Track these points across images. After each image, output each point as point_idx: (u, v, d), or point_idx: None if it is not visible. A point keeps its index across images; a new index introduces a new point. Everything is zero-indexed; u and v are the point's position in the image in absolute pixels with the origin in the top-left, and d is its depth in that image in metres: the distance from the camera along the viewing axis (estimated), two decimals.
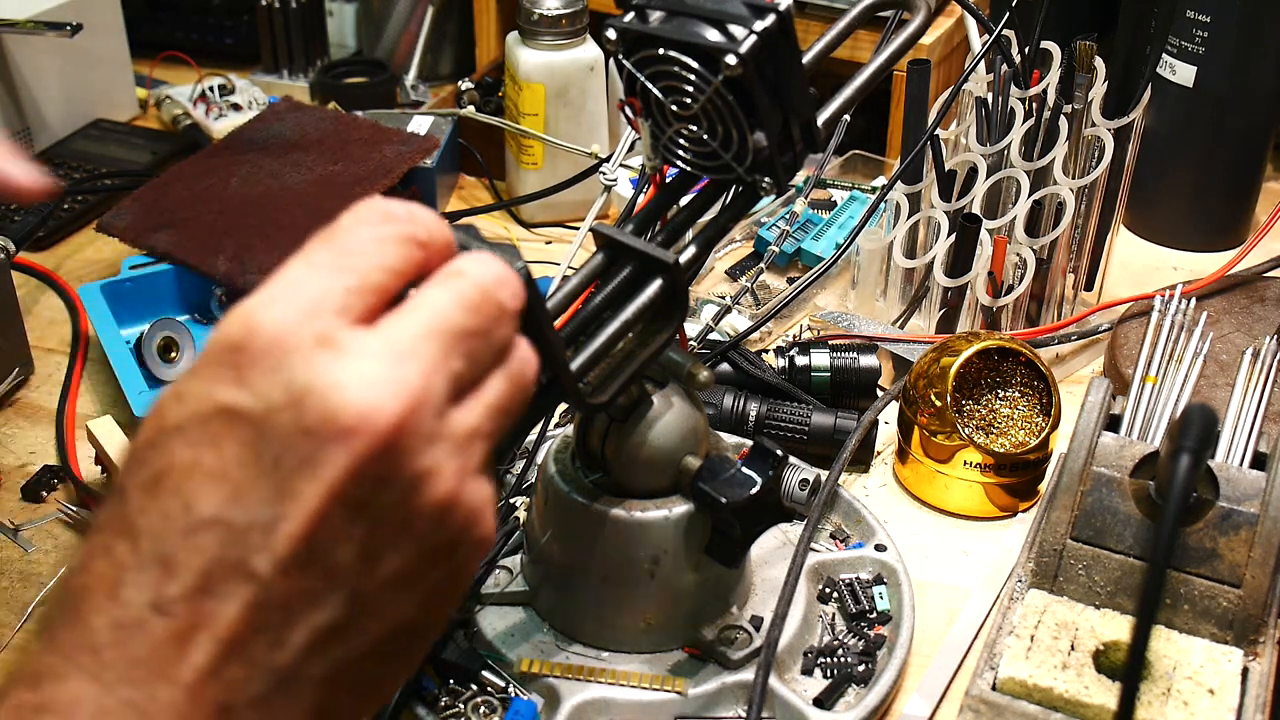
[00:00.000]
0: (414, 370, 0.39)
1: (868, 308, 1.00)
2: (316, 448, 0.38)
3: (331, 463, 0.38)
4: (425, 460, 0.39)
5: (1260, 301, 0.98)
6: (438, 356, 0.40)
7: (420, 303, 0.41)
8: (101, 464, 0.85)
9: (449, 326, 0.40)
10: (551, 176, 1.13)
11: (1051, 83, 0.97)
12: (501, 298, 0.43)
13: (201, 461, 0.38)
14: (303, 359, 0.38)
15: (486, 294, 0.42)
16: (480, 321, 0.42)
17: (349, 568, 0.39)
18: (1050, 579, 0.74)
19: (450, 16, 1.38)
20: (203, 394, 0.38)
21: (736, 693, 0.69)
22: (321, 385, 0.38)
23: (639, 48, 0.60)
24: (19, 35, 1.15)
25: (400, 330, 0.40)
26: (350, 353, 0.38)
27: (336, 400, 0.37)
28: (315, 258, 0.41)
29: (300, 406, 0.38)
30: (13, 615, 0.76)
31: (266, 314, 0.39)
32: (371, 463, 0.38)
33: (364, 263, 0.41)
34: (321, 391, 0.37)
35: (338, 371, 0.38)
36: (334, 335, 0.39)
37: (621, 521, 0.67)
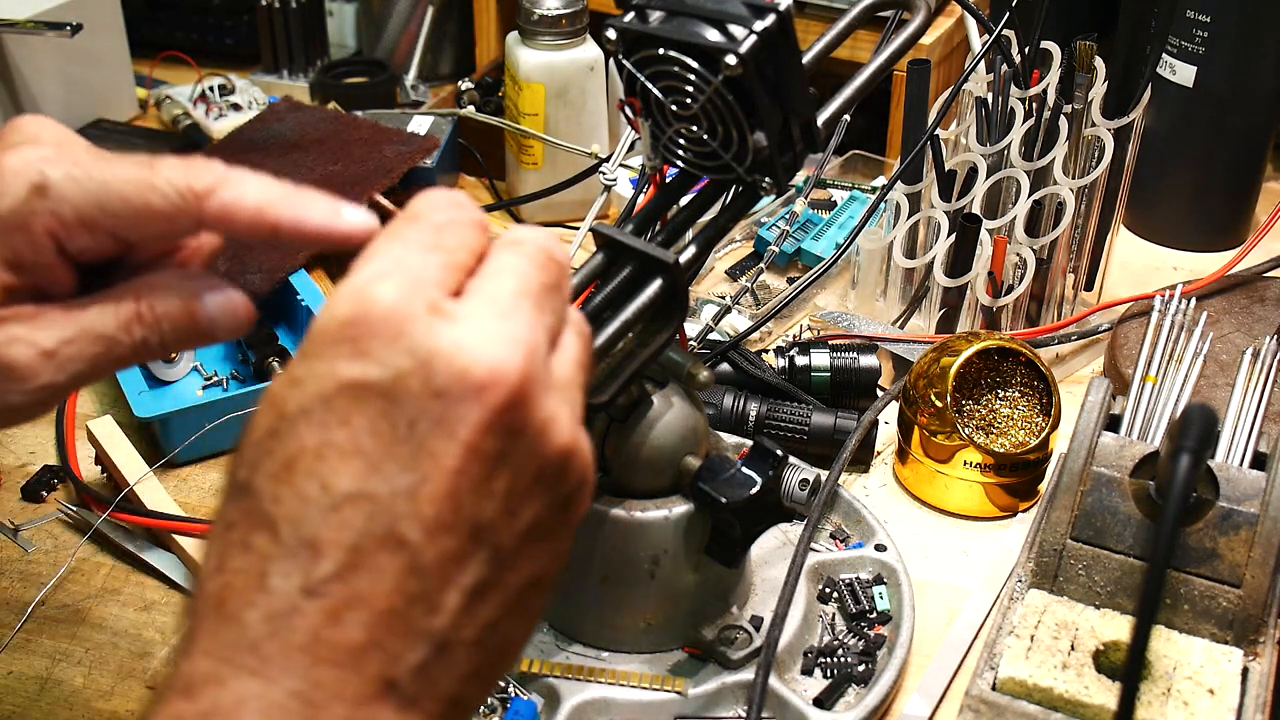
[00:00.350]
0: (522, 325, 0.40)
1: (868, 308, 1.00)
2: (450, 407, 0.38)
3: (466, 420, 0.38)
4: (547, 408, 0.40)
5: (1260, 301, 0.98)
6: (534, 312, 0.41)
7: (501, 267, 0.42)
8: (101, 464, 0.85)
9: (533, 284, 0.42)
10: (551, 176, 1.13)
11: (1051, 83, 0.97)
12: (559, 257, 0.44)
13: (332, 440, 0.38)
14: (423, 325, 0.39)
15: (550, 255, 0.44)
16: (553, 277, 0.43)
17: (492, 523, 0.40)
18: (1050, 579, 0.74)
19: (450, 16, 1.38)
20: (323, 374, 0.39)
21: (736, 693, 0.69)
22: (446, 347, 0.38)
23: (639, 48, 0.60)
24: (19, 35, 1.15)
25: (496, 292, 0.41)
26: (462, 317, 0.40)
27: (464, 359, 0.38)
28: (408, 236, 0.42)
29: (429, 369, 0.38)
30: (13, 615, 0.76)
31: (377, 289, 0.39)
32: (504, 414, 0.39)
33: (453, 242, 0.42)
34: (448, 353, 0.38)
35: (457, 334, 0.39)
36: (441, 305, 0.40)
37: (621, 521, 0.67)
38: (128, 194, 0.48)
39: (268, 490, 0.39)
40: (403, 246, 0.41)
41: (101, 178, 0.48)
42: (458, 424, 0.38)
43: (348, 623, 0.38)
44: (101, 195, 0.48)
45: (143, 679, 0.72)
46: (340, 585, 0.38)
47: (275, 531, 0.38)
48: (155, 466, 0.83)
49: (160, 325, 0.51)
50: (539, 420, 0.40)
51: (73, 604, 0.77)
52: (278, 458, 0.39)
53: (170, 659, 0.63)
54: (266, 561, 0.38)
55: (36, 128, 0.50)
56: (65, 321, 0.50)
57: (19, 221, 0.48)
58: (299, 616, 0.37)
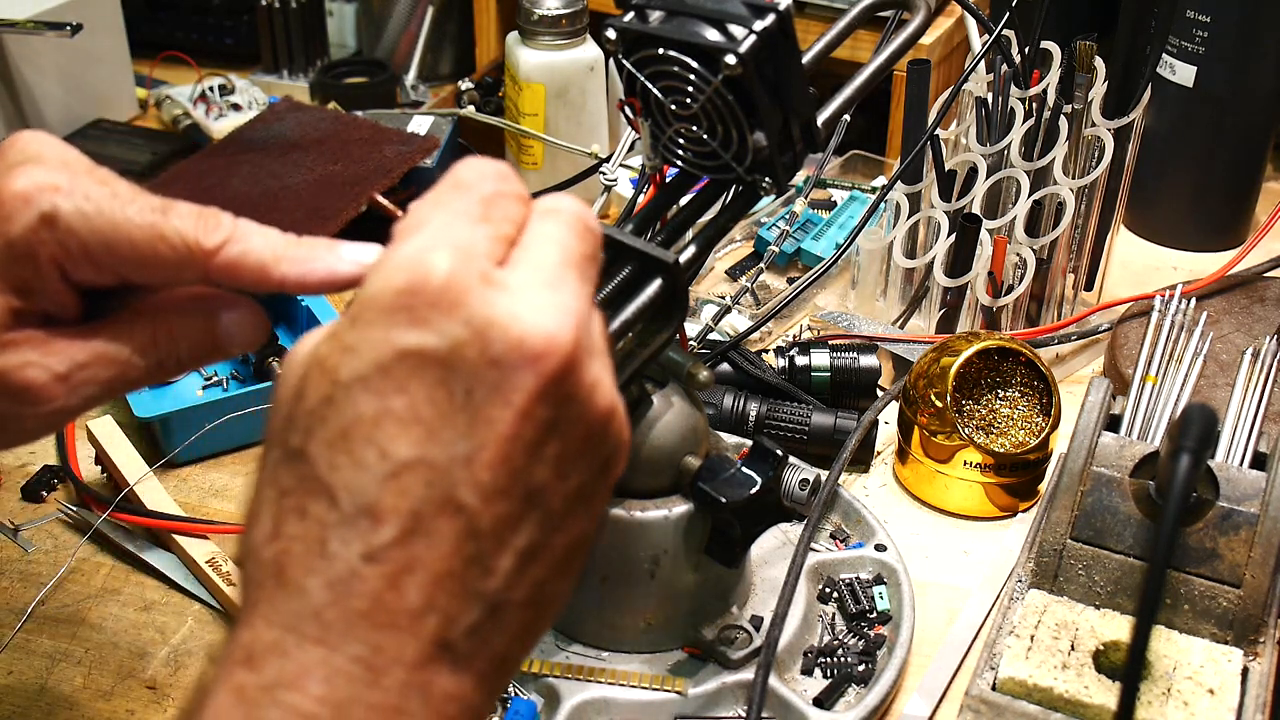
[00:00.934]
0: (569, 295, 0.41)
1: (868, 308, 1.00)
2: (506, 375, 0.39)
3: (522, 387, 0.39)
4: (593, 373, 0.41)
5: (1260, 301, 0.98)
6: (579, 281, 0.42)
7: (545, 236, 0.43)
8: (101, 464, 0.85)
9: (575, 254, 0.43)
10: (551, 176, 1.13)
11: (1051, 83, 0.97)
12: (594, 226, 0.45)
13: (391, 407, 0.38)
14: (478, 295, 0.39)
15: (586, 223, 0.44)
16: (591, 247, 0.44)
17: (544, 487, 0.40)
18: (1050, 579, 0.74)
19: (450, 16, 1.38)
20: (379, 341, 0.39)
21: (736, 693, 0.69)
22: (503, 317, 0.39)
23: (639, 48, 0.60)
24: (19, 35, 1.15)
25: (543, 262, 0.42)
26: (515, 287, 0.40)
27: (520, 328, 0.39)
28: (456, 206, 0.42)
29: (485, 339, 0.39)
30: (13, 615, 0.76)
31: (432, 259, 0.39)
32: (558, 382, 0.40)
33: (499, 215, 0.43)
34: (504, 322, 0.39)
35: (512, 303, 0.39)
36: (493, 275, 0.40)
37: (621, 521, 0.67)
38: (136, 239, 0.48)
39: (324, 457, 0.39)
40: (452, 217, 0.42)
41: (112, 218, 0.48)
42: (513, 391, 0.39)
43: (407, 587, 0.38)
44: (110, 236, 0.48)
45: (143, 679, 0.72)
46: (400, 551, 0.38)
47: (334, 498, 0.38)
48: (155, 466, 0.83)
49: (177, 347, 0.51)
50: (587, 385, 0.41)
51: (73, 604, 0.77)
52: (333, 425, 0.39)
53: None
54: (325, 529, 0.38)
55: (39, 145, 0.50)
56: (79, 345, 0.50)
57: (26, 249, 0.48)
58: (360, 583, 0.38)
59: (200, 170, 1.09)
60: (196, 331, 0.51)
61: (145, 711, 0.71)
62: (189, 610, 0.77)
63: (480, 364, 0.39)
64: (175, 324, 0.51)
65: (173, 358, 0.51)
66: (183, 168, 1.11)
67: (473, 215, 0.42)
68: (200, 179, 1.07)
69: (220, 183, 1.06)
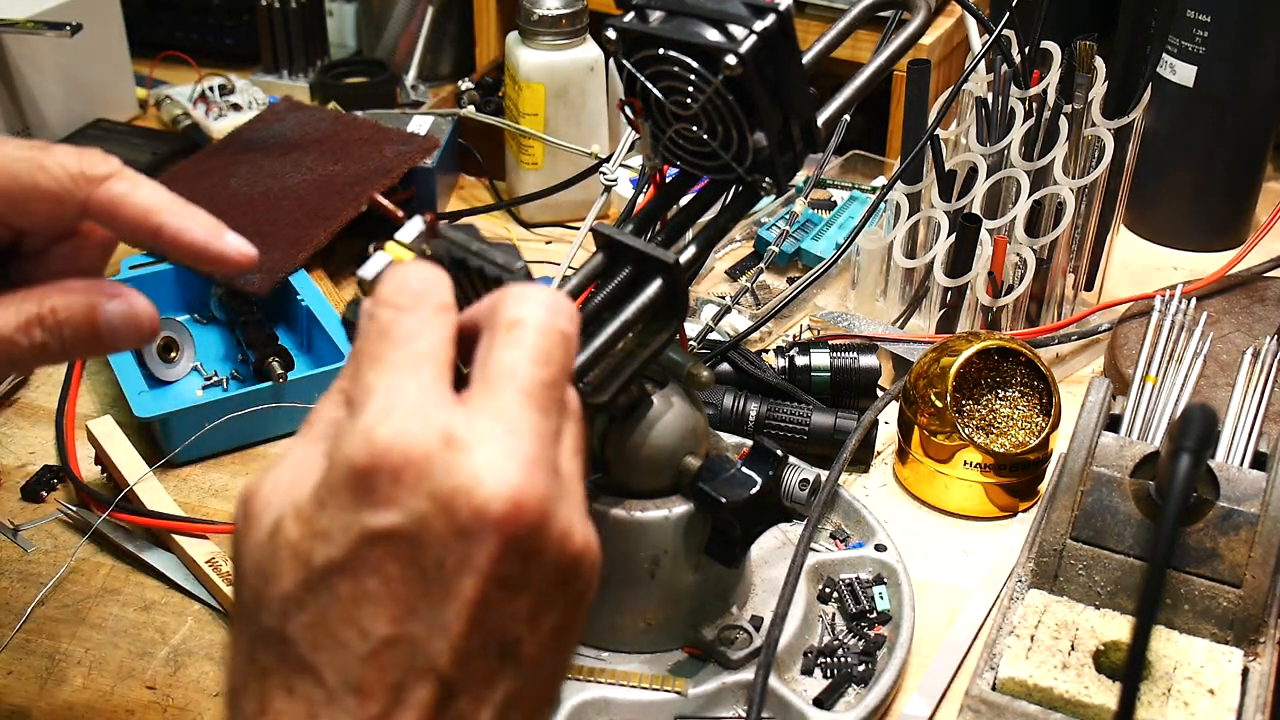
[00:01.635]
0: (530, 440, 0.41)
1: (868, 308, 1.00)
2: (471, 543, 0.39)
3: (487, 552, 0.39)
4: (561, 520, 0.41)
5: (1260, 301, 0.98)
6: (539, 420, 0.42)
7: (504, 370, 0.42)
8: (101, 464, 0.85)
9: (535, 387, 0.42)
10: (551, 176, 1.13)
11: (1051, 83, 0.97)
12: (565, 331, 0.44)
13: (367, 589, 0.39)
14: (440, 465, 0.39)
15: (552, 338, 0.43)
16: (555, 371, 0.43)
17: (518, 639, 0.41)
18: (1050, 579, 0.74)
19: (450, 16, 1.38)
20: (349, 525, 0.39)
21: (736, 693, 0.69)
22: (465, 485, 0.39)
23: (639, 48, 0.60)
24: (19, 35, 1.15)
25: (501, 405, 0.41)
26: (473, 445, 0.40)
27: (483, 495, 0.39)
28: (390, 359, 0.42)
29: (450, 510, 0.39)
30: (13, 615, 0.76)
31: (386, 431, 0.40)
32: (524, 540, 0.40)
33: (430, 346, 0.42)
34: (467, 489, 0.39)
35: (473, 467, 0.39)
36: (452, 431, 0.40)
37: (621, 521, 0.67)
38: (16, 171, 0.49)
39: (305, 638, 0.40)
40: (391, 371, 0.41)
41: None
42: (480, 557, 0.39)
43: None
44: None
45: (143, 679, 0.72)
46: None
47: (319, 677, 0.39)
48: (155, 466, 0.83)
49: (61, 330, 0.51)
50: (556, 535, 0.41)
51: (73, 604, 0.77)
52: (312, 609, 0.40)
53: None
54: (314, 705, 0.39)
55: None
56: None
57: None
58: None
59: (200, 170, 1.09)
60: (80, 316, 0.51)
61: (145, 711, 0.71)
62: (189, 610, 0.77)
63: (447, 536, 0.39)
64: (59, 305, 0.51)
65: (56, 341, 0.51)
66: (183, 168, 1.11)
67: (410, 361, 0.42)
68: (200, 179, 1.07)
69: (220, 183, 1.06)
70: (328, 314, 0.93)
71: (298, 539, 0.40)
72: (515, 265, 0.51)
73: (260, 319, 0.94)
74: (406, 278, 0.44)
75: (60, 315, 0.51)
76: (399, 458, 0.39)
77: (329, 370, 0.89)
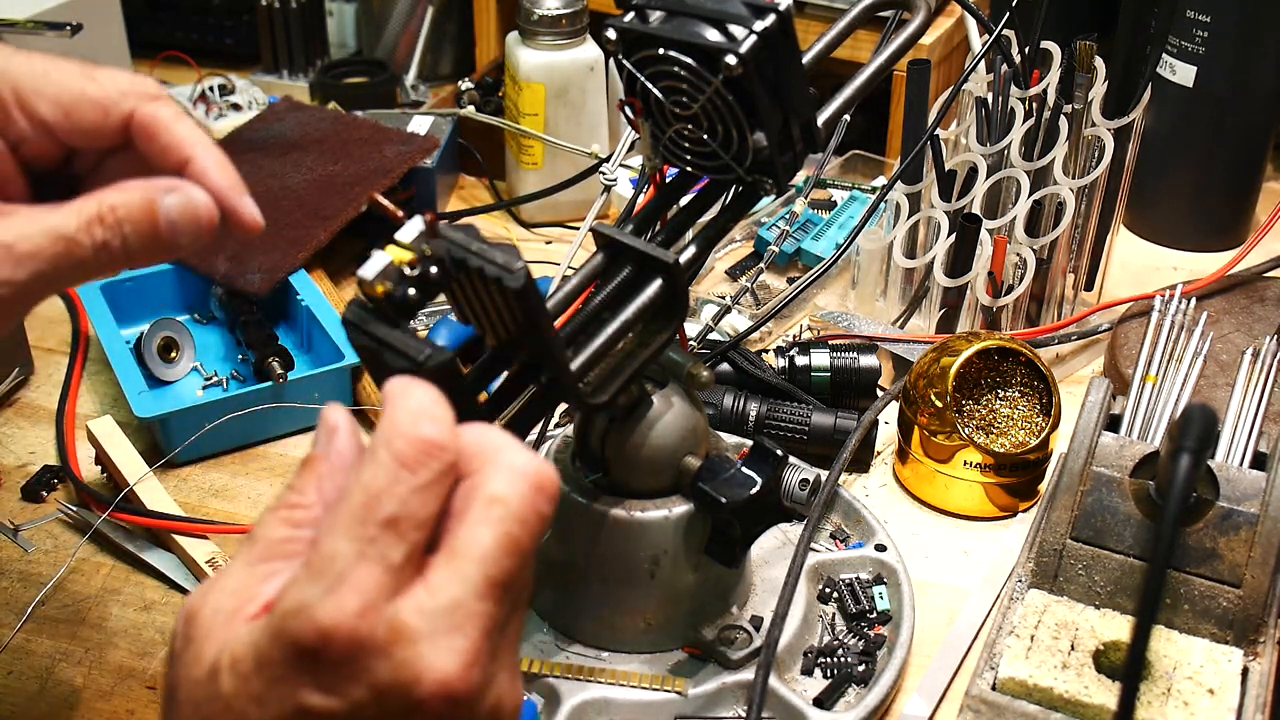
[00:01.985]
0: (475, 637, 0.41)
1: (868, 308, 1.00)
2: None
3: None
4: (490, 700, 0.42)
5: (1260, 301, 0.98)
6: (492, 610, 0.41)
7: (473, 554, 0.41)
8: (101, 464, 0.85)
9: (498, 578, 0.41)
10: (551, 176, 1.13)
11: (1051, 83, 0.97)
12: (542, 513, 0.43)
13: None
14: (380, 659, 0.40)
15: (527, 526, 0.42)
16: (522, 561, 0.42)
17: None
18: (1050, 579, 0.74)
19: (450, 16, 1.38)
20: (285, 696, 0.40)
21: (736, 693, 0.69)
22: (405, 681, 0.40)
23: (639, 48, 0.60)
24: (19, 35, 1.15)
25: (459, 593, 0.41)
26: (420, 637, 0.40)
27: (419, 693, 0.40)
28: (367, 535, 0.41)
29: (384, 702, 0.40)
30: (13, 615, 0.76)
31: (337, 619, 0.39)
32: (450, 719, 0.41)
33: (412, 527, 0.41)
34: (406, 686, 0.40)
35: (414, 662, 0.40)
36: (403, 623, 0.40)
37: (621, 521, 0.67)
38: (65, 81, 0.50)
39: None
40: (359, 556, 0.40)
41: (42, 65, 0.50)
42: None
43: None
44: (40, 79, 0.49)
45: (143, 679, 0.72)
46: None
47: None
48: (155, 466, 0.83)
49: (121, 227, 0.51)
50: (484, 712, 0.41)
51: (73, 604, 0.77)
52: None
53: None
54: None
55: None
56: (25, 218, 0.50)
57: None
58: None
59: None
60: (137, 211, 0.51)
61: (145, 711, 0.71)
62: None
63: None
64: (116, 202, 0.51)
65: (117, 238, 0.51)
66: None
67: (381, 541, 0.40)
68: None
69: None
70: (328, 314, 0.93)
71: (232, 694, 0.40)
72: (515, 265, 0.51)
73: (260, 319, 0.94)
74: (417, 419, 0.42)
75: (119, 212, 0.50)
76: (344, 648, 0.39)
77: (329, 370, 0.89)
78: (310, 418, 0.90)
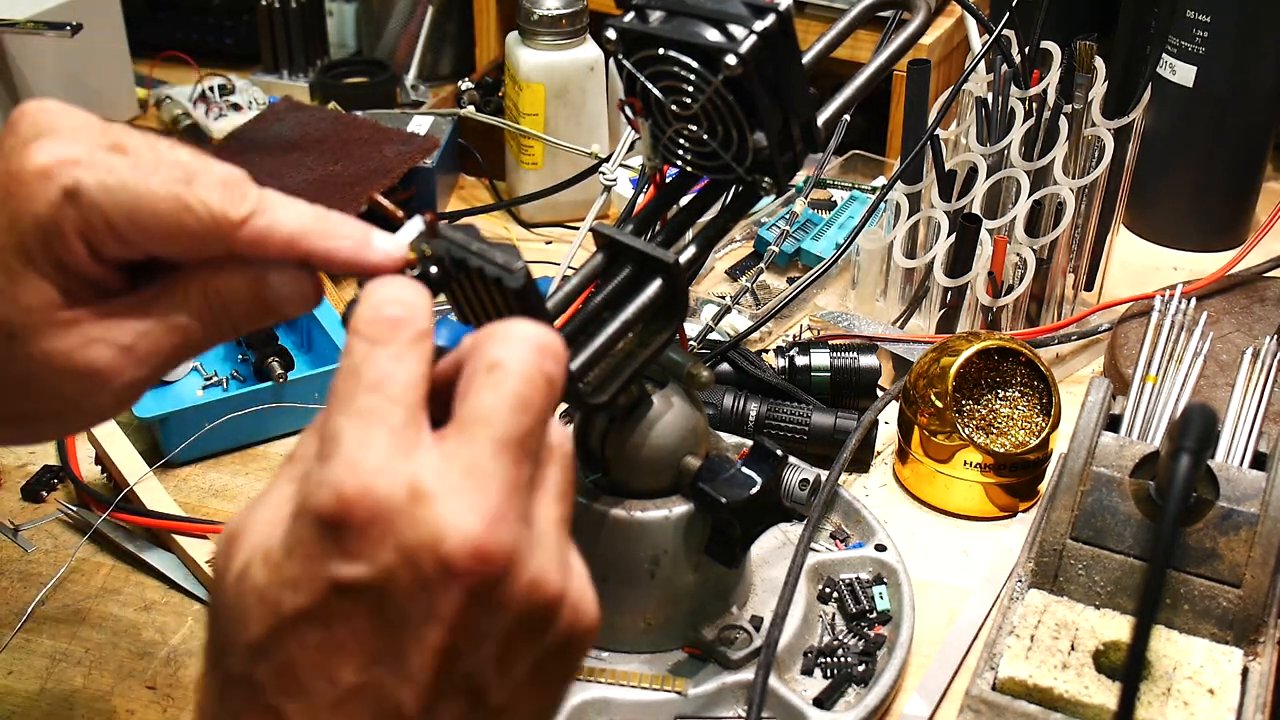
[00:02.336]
0: (496, 494, 0.41)
1: (868, 308, 1.00)
2: (435, 594, 0.40)
3: (450, 601, 0.40)
4: (530, 570, 0.41)
5: (1260, 301, 0.98)
6: (511, 470, 0.41)
7: (479, 417, 0.42)
8: (101, 464, 0.85)
9: (511, 436, 0.42)
10: (551, 176, 1.13)
11: (1051, 83, 0.97)
12: (549, 373, 0.43)
13: (334, 637, 0.40)
14: (405, 520, 0.39)
15: (534, 384, 0.43)
16: (534, 418, 0.42)
17: (485, 685, 0.41)
18: (1050, 579, 0.74)
19: (450, 16, 1.38)
20: (315, 575, 0.40)
21: (736, 693, 0.69)
22: (429, 540, 0.39)
23: (639, 48, 0.60)
24: (19, 35, 1.15)
25: (472, 455, 0.41)
26: (439, 497, 0.40)
27: (446, 549, 0.39)
28: (360, 404, 0.41)
29: (414, 564, 0.39)
30: (13, 615, 0.76)
31: (353, 484, 0.40)
32: (486, 592, 0.40)
33: (402, 389, 0.42)
34: (431, 545, 0.39)
35: (436, 521, 0.39)
36: (420, 483, 0.40)
37: (621, 521, 0.67)
38: (160, 211, 0.47)
39: (273, 684, 0.40)
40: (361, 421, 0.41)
41: (135, 190, 0.47)
42: (443, 606, 0.40)
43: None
44: (133, 209, 0.47)
45: (143, 679, 0.72)
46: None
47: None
48: (155, 466, 0.83)
49: (230, 311, 0.50)
50: (524, 585, 0.41)
51: (73, 604, 0.77)
52: (279, 655, 0.40)
53: None
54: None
55: (50, 117, 0.49)
56: (137, 316, 0.49)
57: (53, 227, 0.47)
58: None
59: None
60: (243, 292, 0.50)
61: (145, 711, 0.71)
62: (189, 610, 0.77)
63: (413, 587, 0.39)
64: (223, 286, 0.50)
65: (227, 319, 0.50)
66: None
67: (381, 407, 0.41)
68: None
69: None
70: (328, 314, 0.93)
71: (265, 585, 0.40)
72: (515, 265, 0.51)
73: None
74: (380, 303, 0.44)
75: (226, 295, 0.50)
76: (366, 512, 0.39)
77: (329, 370, 0.89)
78: (310, 418, 0.89)
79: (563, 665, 0.44)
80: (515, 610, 0.41)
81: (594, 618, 0.44)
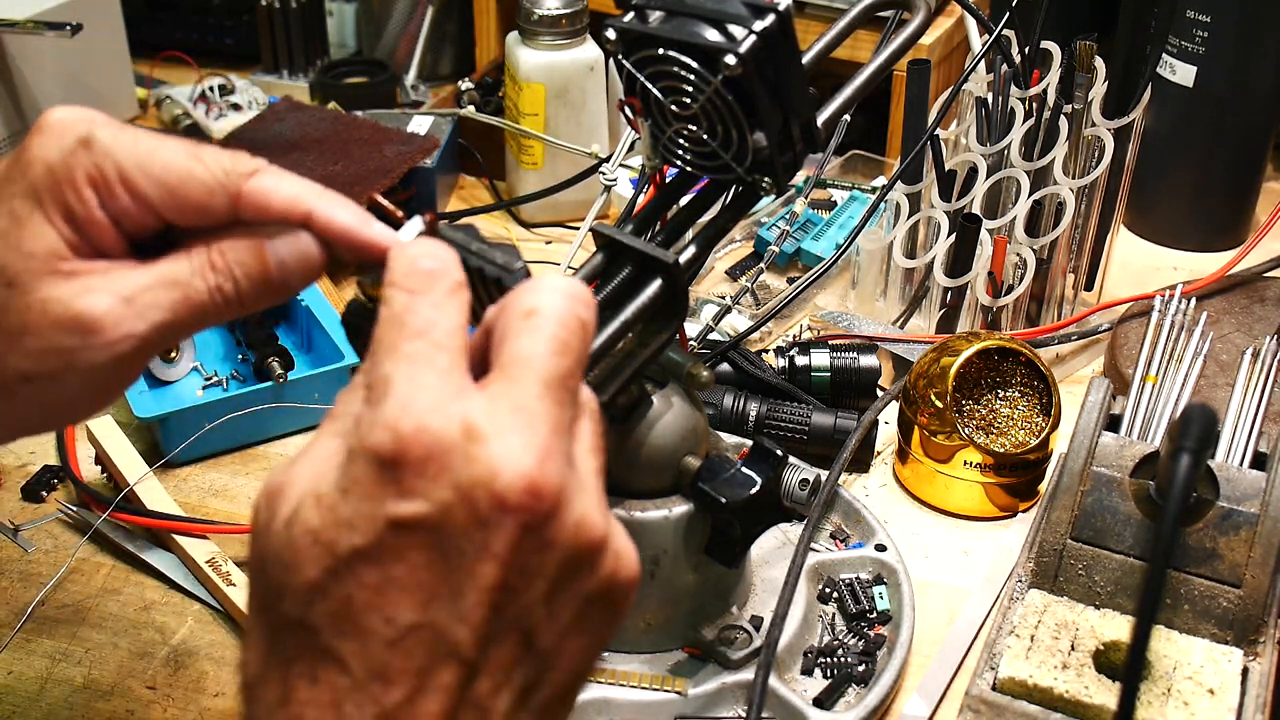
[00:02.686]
0: (544, 433, 0.41)
1: (868, 308, 1.00)
2: (490, 531, 0.40)
3: (504, 538, 0.40)
4: (577, 510, 0.42)
5: (1260, 301, 0.98)
6: (555, 411, 0.42)
7: (522, 359, 0.43)
8: (101, 464, 0.85)
9: (553, 377, 0.43)
10: (551, 176, 1.13)
11: (1051, 83, 0.97)
12: (582, 318, 0.45)
13: (391, 576, 0.40)
14: (460, 456, 0.40)
15: (569, 328, 0.44)
16: (574, 360, 0.44)
17: (536, 626, 0.42)
18: (1050, 579, 0.74)
19: (450, 16, 1.38)
20: (372, 514, 0.40)
21: (736, 693, 0.69)
22: (484, 476, 0.40)
23: (639, 48, 0.60)
24: (19, 35, 1.15)
25: (519, 394, 0.42)
26: (491, 435, 0.41)
27: (501, 485, 0.40)
28: (406, 349, 0.42)
29: (470, 500, 0.40)
30: (13, 615, 0.76)
31: (409, 422, 0.40)
32: (537, 528, 0.41)
33: (445, 334, 0.43)
34: (486, 481, 0.40)
35: (490, 458, 0.40)
36: (472, 421, 0.41)
37: (621, 521, 0.67)
38: (170, 163, 0.49)
39: (329, 626, 0.40)
40: (409, 364, 0.42)
41: (147, 144, 0.49)
42: (497, 543, 0.40)
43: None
44: (146, 160, 0.49)
45: (143, 679, 0.72)
46: (409, 708, 0.40)
47: (344, 665, 0.40)
48: (155, 466, 0.83)
49: (233, 271, 0.51)
50: (571, 524, 0.42)
51: (73, 604, 0.77)
52: (336, 596, 0.40)
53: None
54: (338, 692, 0.40)
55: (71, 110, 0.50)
56: (140, 271, 0.50)
57: (65, 172, 0.48)
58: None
59: None
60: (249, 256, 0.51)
61: (145, 711, 0.71)
62: (189, 610, 0.77)
63: (468, 524, 0.40)
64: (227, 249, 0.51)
65: (230, 284, 0.51)
66: None
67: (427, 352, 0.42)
68: None
69: None
70: (328, 314, 0.93)
71: (320, 527, 0.40)
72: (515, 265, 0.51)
73: (260, 319, 0.94)
74: (416, 257, 0.45)
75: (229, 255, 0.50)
76: (422, 449, 0.40)
77: (329, 370, 0.89)
78: (310, 418, 0.90)
79: (605, 613, 0.44)
80: (563, 549, 0.42)
81: (635, 570, 0.45)
